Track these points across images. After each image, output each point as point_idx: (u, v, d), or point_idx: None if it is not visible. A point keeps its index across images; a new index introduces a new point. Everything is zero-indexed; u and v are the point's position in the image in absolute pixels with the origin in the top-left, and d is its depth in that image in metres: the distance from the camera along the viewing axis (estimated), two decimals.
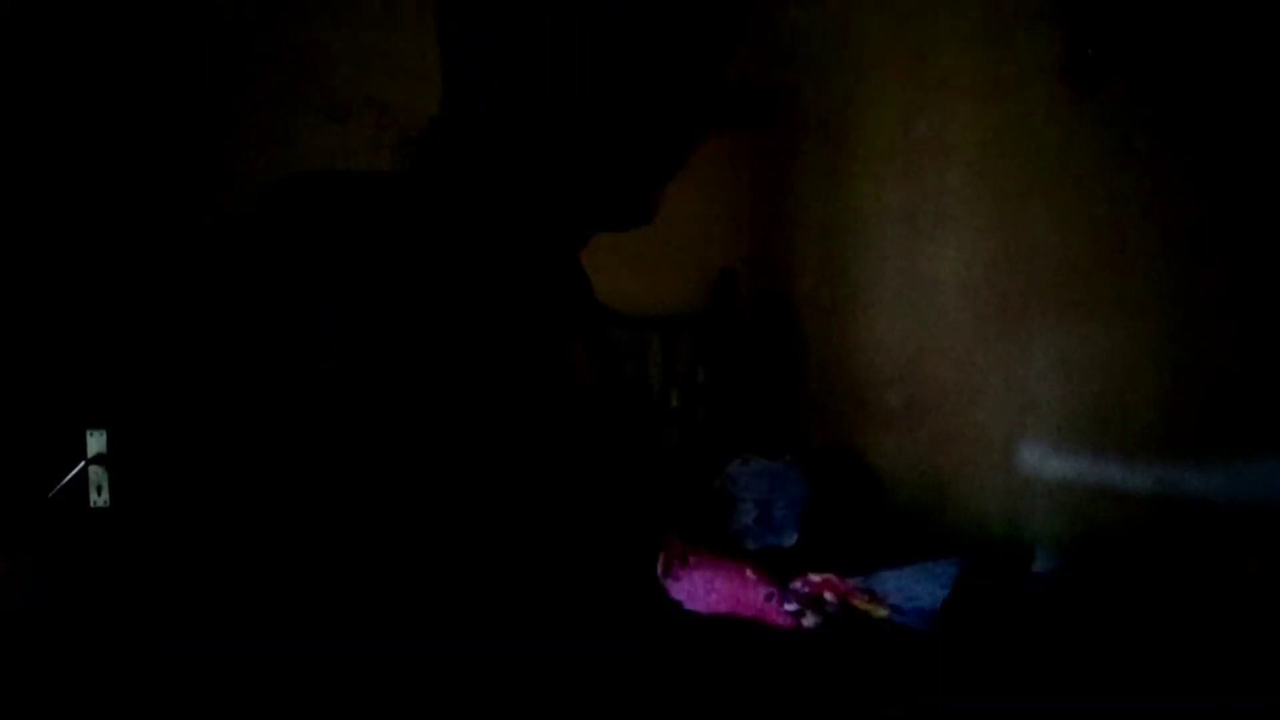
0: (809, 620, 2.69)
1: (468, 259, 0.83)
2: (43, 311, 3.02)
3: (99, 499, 2.92)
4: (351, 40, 3.43)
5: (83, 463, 2.91)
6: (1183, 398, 3.02)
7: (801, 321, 4.33)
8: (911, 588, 3.11)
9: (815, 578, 2.94)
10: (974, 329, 3.65)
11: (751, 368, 4.38)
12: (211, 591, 0.80)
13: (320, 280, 0.75)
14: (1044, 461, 3.42)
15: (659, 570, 2.88)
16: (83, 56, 3.06)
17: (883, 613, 2.73)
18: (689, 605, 2.78)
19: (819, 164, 4.23)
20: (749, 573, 2.88)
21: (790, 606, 2.76)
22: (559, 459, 0.80)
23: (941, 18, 3.71)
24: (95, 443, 2.93)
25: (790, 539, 3.61)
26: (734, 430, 4.27)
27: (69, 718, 2.76)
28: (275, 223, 0.82)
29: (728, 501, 3.68)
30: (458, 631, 0.76)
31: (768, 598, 2.79)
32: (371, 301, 0.74)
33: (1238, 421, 2.89)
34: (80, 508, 2.92)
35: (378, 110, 3.48)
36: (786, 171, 4.36)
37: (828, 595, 2.86)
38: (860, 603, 2.80)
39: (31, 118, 3.03)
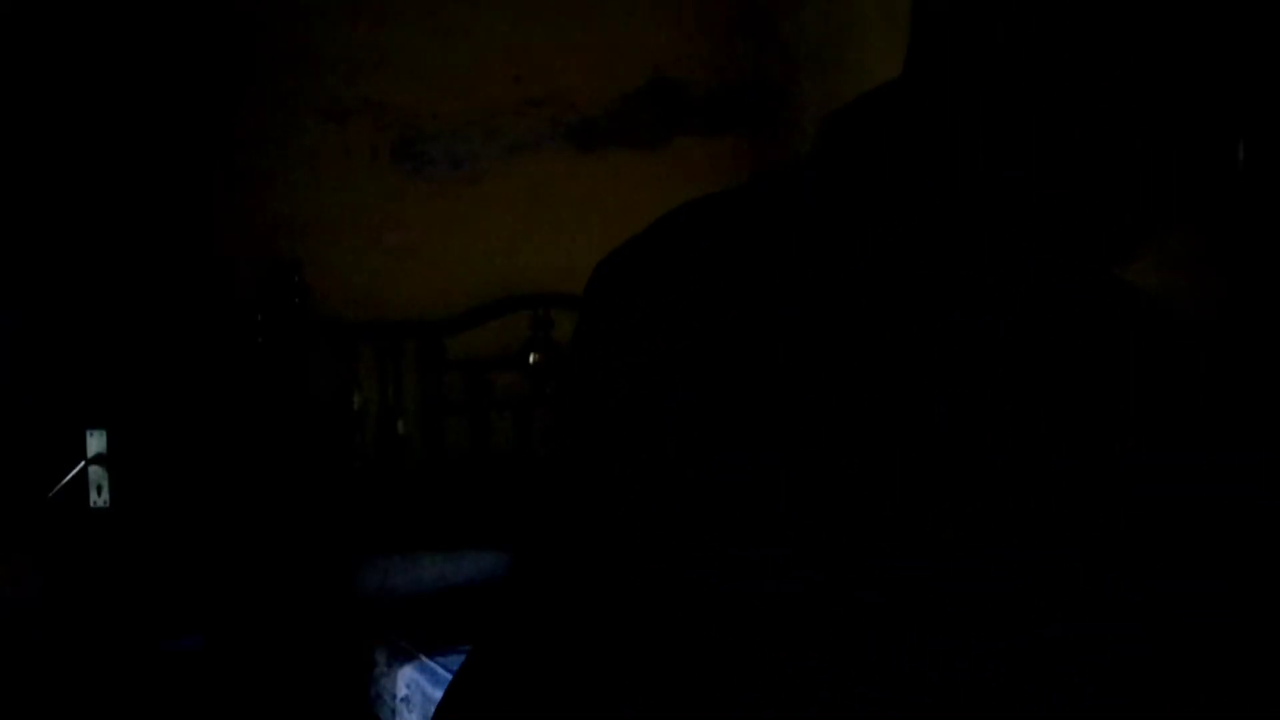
0: None
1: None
2: (43, 312, 3.02)
3: (99, 499, 2.92)
4: (351, 40, 3.43)
5: (83, 463, 2.91)
6: None
7: None
8: None
9: None
10: None
11: None
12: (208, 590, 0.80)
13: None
14: None
15: None
16: (83, 57, 3.06)
17: None
18: None
19: None
20: None
21: None
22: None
23: None
24: (95, 443, 2.92)
25: None
26: None
27: (69, 716, 2.76)
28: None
29: None
30: None
31: None
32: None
33: (1237, 421, 2.89)
34: (80, 508, 2.92)
35: (377, 110, 3.48)
36: None
37: None
38: None
39: (30, 119, 3.02)
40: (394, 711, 2.83)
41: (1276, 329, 2.84)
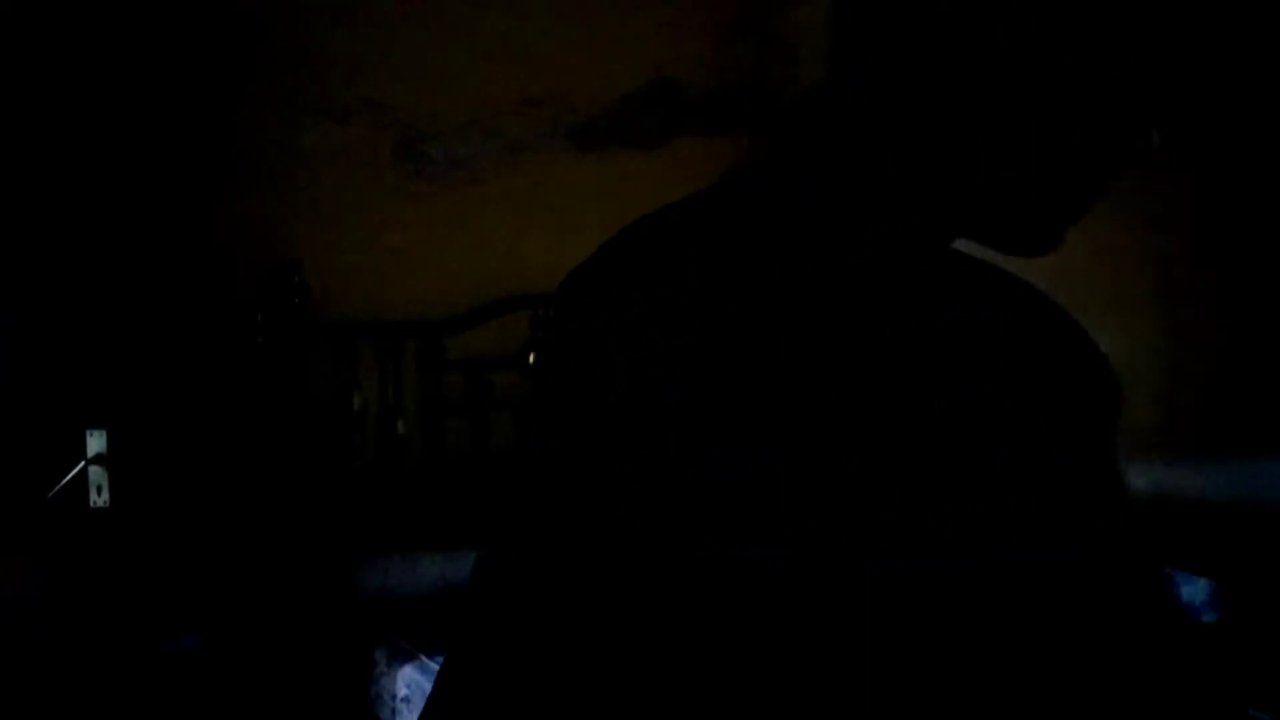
0: None
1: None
2: (43, 312, 3.02)
3: (99, 499, 2.92)
4: (351, 40, 3.43)
5: (83, 463, 2.91)
6: (1182, 398, 3.02)
7: None
8: None
9: None
10: None
11: None
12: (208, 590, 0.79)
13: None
14: None
15: None
16: (83, 58, 3.06)
17: None
18: None
19: None
20: None
21: None
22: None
23: None
24: (95, 443, 2.92)
25: None
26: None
27: (69, 717, 2.76)
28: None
29: None
30: None
31: None
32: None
33: (1236, 421, 2.89)
34: (80, 508, 2.92)
35: (377, 110, 3.48)
36: None
37: None
38: None
39: (31, 119, 3.03)
40: (394, 711, 2.83)
41: (1275, 330, 2.83)
